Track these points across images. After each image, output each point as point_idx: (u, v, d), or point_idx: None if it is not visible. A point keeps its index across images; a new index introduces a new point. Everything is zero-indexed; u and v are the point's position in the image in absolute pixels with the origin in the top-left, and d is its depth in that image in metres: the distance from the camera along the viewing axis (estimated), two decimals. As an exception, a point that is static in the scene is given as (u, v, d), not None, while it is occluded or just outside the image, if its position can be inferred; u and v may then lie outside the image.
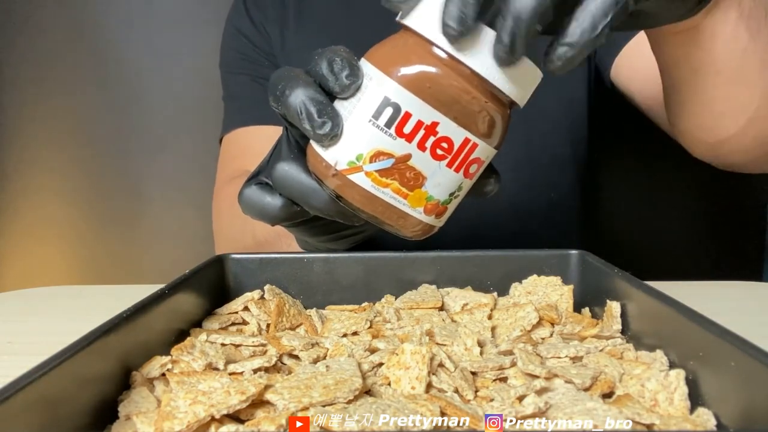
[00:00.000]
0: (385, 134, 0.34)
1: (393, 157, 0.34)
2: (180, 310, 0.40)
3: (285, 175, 0.38)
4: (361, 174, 0.35)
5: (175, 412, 0.27)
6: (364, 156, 0.34)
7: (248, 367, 0.34)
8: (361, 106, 0.34)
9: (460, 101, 0.33)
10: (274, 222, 0.41)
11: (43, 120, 1.12)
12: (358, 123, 0.34)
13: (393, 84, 0.33)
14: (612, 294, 0.41)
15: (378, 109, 0.33)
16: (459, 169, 0.35)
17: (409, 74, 0.33)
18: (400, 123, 0.33)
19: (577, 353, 0.36)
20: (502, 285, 0.47)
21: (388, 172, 0.34)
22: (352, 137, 0.34)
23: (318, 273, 0.47)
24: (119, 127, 1.12)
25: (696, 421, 0.29)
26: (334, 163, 0.35)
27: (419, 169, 0.35)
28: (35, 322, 0.51)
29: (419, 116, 0.33)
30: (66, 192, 1.15)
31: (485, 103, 0.34)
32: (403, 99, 0.33)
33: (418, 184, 0.35)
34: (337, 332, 0.40)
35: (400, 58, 0.33)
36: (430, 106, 0.33)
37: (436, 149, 0.34)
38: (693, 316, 0.32)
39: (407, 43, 0.34)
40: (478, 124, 0.34)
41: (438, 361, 0.33)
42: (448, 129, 0.34)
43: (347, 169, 0.35)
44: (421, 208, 0.36)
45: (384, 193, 0.35)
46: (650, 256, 0.86)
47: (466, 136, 0.34)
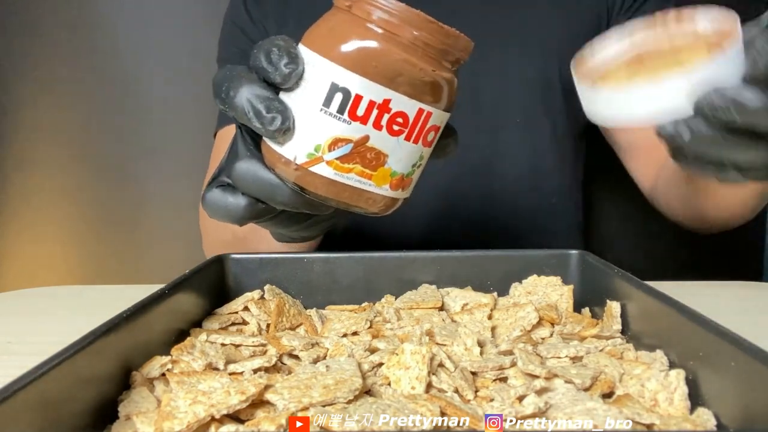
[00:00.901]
0: (339, 120, 0.33)
1: (351, 141, 0.33)
2: (180, 310, 0.40)
3: (245, 174, 0.37)
4: (322, 164, 0.34)
5: (175, 412, 0.27)
6: (322, 146, 0.33)
7: (248, 367, 0.34)
8: (310, 95, 0.33)
9: (407, 74, 0.33)
10: (242, 222, 0.39)
11: (43, 120, 1.11)
12: (309, 113, 0.33)
13: (338, 68, 0.32)
14: (612, 294, 0.41)
15: (327, 95, 0.33)
16: (417, 140, 0.35)
17: (353, 55, 0.32)
18: (353, 107, 0.33)
19: (577, 353, 0.36)
20: (502, 285, 0.47)
21: (348, 157, 0.34)
22: (306, 129, 0.34)
23: (318, 273, 0.47)
24: (119, 127, 1.12)
25: (696, 421, 0.29)
26: (292, 157, 0.34)
27: (379, 148, 0.34)
28: (35, 322, 0.51)
29: (370, 96, 0.33)
30: (66, 192, 1.15)
31: (432, 71, 0.33)
32: (351, 82, 0.32)
33: (381, 162, 0.35)
34: (337, 332, 0.40)
35: (340, 39, 0.33)
36: (379, 84, 0.32)
37: (392, 125, 0.34)
38: (693, 316, 0.32)
39: (344, 22, 0.33)
40: (428, 93, 0.34)
41: (438, 361, 0.33)
42: (401, 103, 0.33)
43: (307, 162, 0.34)
44: (387, 185, 0.36)
45: (348, 178, 0.35)
46: (650, 257, 0.86)
47: (419, 107, 0.34)
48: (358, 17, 0.33)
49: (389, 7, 0.32)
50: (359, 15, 0.33)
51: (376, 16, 0.32)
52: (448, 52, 0.34)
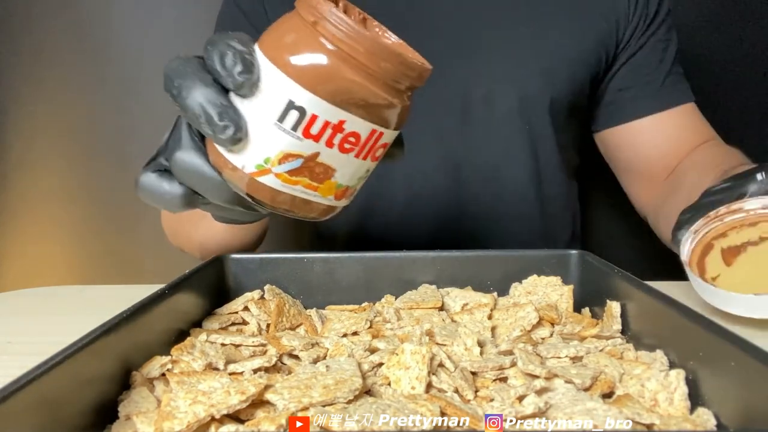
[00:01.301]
0: (292, 137, 0.33)
1: (302, 157, 0.33)
2: (180, 310, 0.40)
3: (186, 167, 0.36)
4: (270, 176, 0.34)
5: (175, 412, 0.27)
6: (272, 159, 0.33)
7: (248, 367, 0.34)
8: (265, 108, 0.33)
9: (363, 98, 0.33)
10: (175, 211, 0.38)
11: (43, 120, 1.11)
12: (262, 125, 0.33)
13: (296, 86, 0.32)
14: (612, 294, 0.41)
15: (283, 112, 0.32)
16: (366, 156, 0.35)
17: (311, 75, 0.32)
18: (307, 125, 0.33)
19: (577, 353, 0.36)
20: (502, 285, 0.47)
21: (297, 171, 0.34)
22: (258, 140, 0.33)
23: (318, 273, 0.47)
24: (119, 126, 1.12)
25: (696, 421, 0.29)
26: (241, 166, 0.34)
27: (328, 164, 0.34)
28: (35, 322, 0.51)
29: (326, 117, 0.33)
30: (66, 192, 1.15)
31: (387, 97, 0.33)
32: (308, 102, 0.32)
33: (328, 176, 0.35)
34: (337, 332, 0.40)
35: (300, 54, 0.32)
36: (336, 106, 0.32)
37: (344, 144, 0.34)
38: (693, 316, 0.32)
39: (305, 36, 0.33)
40: (383, 116, 0.34)
41: (438, 361, 0.33)
42: (355, 124, 0.33)
43: (255, 172, 0.34)
44: (332, 195, 0.36)
45: (294, 190, 0.35)
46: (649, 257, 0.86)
47: (372, 129, 0.34)
48: (322, 36, 0.32)
49: (349, 31, 0.32)
50: (324, 34, 0.32)
51: (341, 38, 0.32)
52: (406, 81, 0.34)
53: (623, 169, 0.78)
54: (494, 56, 0.70)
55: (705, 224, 0.45)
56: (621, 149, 0.76)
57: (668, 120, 0.72)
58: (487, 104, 0.70)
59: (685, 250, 0.45)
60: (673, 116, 0.72)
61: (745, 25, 0.99)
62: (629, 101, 0.73)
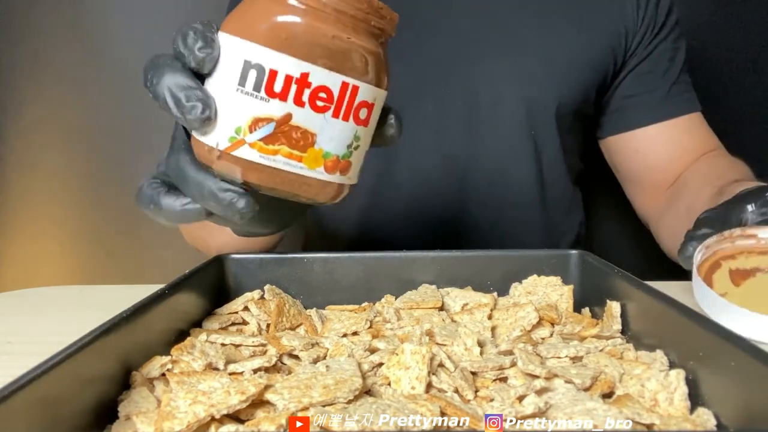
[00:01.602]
0: (256, 99, 0.31)
1: (273, 120, 0.32)
2: (180, 310, 0.40)
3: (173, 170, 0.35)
4: (245, 147, 0.32)
5: (175, 412, 0.27)
6: (243, 127, 0.32)
7: (248, 367, 0.34)
8: (225, 77, 0.32)
9: (322, 44, 0.31)
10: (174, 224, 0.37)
11: (43, 120, 1.11)
12: (226, 95, 0.32)
13: (248, 44, 0.31)
14: (612, 294, 0.41)
15: (242, 74, 0.31)
16: (347, 117, 0.33)
17: (262, 29, 0.31)
18: (268, 83, 0.31)
19: (577, 353, 0.36)
20: (502, 285, 0.47)
21: (272, 138, 0.32)
22: (225, 112, 0.32)
23: (318, 273, 0.47)
24: (119, 126, 1.12)
25: (696, 421, 0.29)
26: (215, 144, 0.33)
27: (305, 127, 0.32)
28: (35, 322, 0.51)
29: (286, 71, 0.31)
30: (66, 192, 1.15)
31: (347, 38, 0.32)
32: (263, 57, 0.31)
33: (309, 142, 0.33)
34: (337, 332, 0.40)
35: (250, 15, 0.32)
36: (293, 56, 0.31)
37: (315, 101, 0.32)
38: (693, 316, 0.32)
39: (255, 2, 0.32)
40: (350, 65, 0.32)
41: (438, 361, 0.33)
42: (321, 77, 0.32)
43: (230, 146, 0.32)
44: (321, 167, 0.34)
45: (275, 161, 0.33)
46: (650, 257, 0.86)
47: (342, 81, 0.32)
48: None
49: None
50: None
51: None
52: (365, 20, 0.32)
53: (626, 176, 0.78)
54: (501, 60, 0.70)
55: (717, 242, 0.46)
56: (624, 157, 0.76)
57: (672, 129, 0.73)
58: (493, 108, 0.70)
59: (696, 260, 0.45)
60: (678, 126, 0.73)
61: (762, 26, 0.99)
62: (634, 109, 0.73)
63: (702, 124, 0.74)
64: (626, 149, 0.76)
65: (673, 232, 0.54)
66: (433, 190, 0.73)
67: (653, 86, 0.73)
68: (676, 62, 0.73)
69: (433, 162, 0.72)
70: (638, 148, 0.74)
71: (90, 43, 1.10)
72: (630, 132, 0.74)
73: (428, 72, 0.70)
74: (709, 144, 0.73)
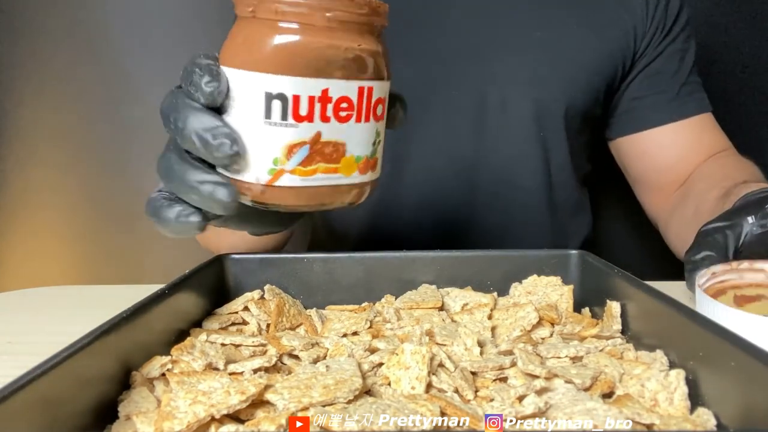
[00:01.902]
0: (286, 127, 0.32)
1: (306, 143, 0.32)
2: (180, 310, 0.40)
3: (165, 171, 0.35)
4: (286, 175, 0.33)
5: (175, 412, 0.27)
6: (279, 157, 0.33)
7: (248, 367, 0.34)
8: (247, 111, 0.32)
9: (334, 57, 0.32)
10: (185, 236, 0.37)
11: (42, 120, 1.11)
12: (254, 129, 0.32)
13: (265, 76, 0.31)
14: (612, 294, 0.41)
15: (266, 107, 0.32)
16: (368, 118, 0.34)
17: (274, 58, 0.31)
18: (294, 109, 0.32)
19: (577, 353, 0.36)
20: (502, 285, 0.47)
21: (309, 159, 0.33)
22: (256, 146, 0.33)
23: (318, 273, 0.47)
24: (119, 126, 1.12)
25: (696, 421, 0.29)
26: (255, 180, 0.33)
27: (335, 140, 0.33)
28: (35, 322, 0.51)
29: (308, 93, 0.32)
30: (66, 192, 1.14)
31: (358, 47, 0.32)
32: (284, 86, 0.31)
33: (341, 152, 0.34)
34: (337, 332, 0.40)
35: (256, 47, 0.32)
36: (312, 77, 0.31)
37: (338, 113, 0.32)
38: (693, 316, 0.32)
39: (254, 30, 0.32)
40: (362, 70, 0.33)
41: (438, 361, 0.33)
42: (339, 88, 0.32)
43: (272, 178, 0.33)
44: (356, 171, 0.35)
45: (316, 179, 0.34)
46: (650, 257, 0.86)
47: (358, 86, 0.33)
48: (265, 20, 0.31)
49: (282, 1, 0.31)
50: (266, 17, 0.31)
51: (284, 11, 0.31)
52: (369, 23, 0.33)
53: (635, 177, 0.78)
54: (511, 61, 0.70)
55: (724, 271, 0.46)
56: (633, 158, 0.76)
57: (682, 130, 0.72)
58: (501, 109, 0.70)
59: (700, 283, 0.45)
60: (687, 127, 0.72)
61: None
62: (643, 111, 0.73)
63: (712, 124, 0.74)
64: (635, 150, 0.75)
65: (681, 235, 0.54)
66: (441, 191, 0.73)
67: (663, 87, 0.72)
68: (686, 63, 0.73)
69: (441, 163, 0.72)
70: (647, 150, 0.74)
71: (90, 44, 1.10)
72: (639, 133, 0.74)
73: (437, 72, 0.69)
74: (720, 144, 0.73)
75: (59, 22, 1.08)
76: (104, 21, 1.09)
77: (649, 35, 0.71)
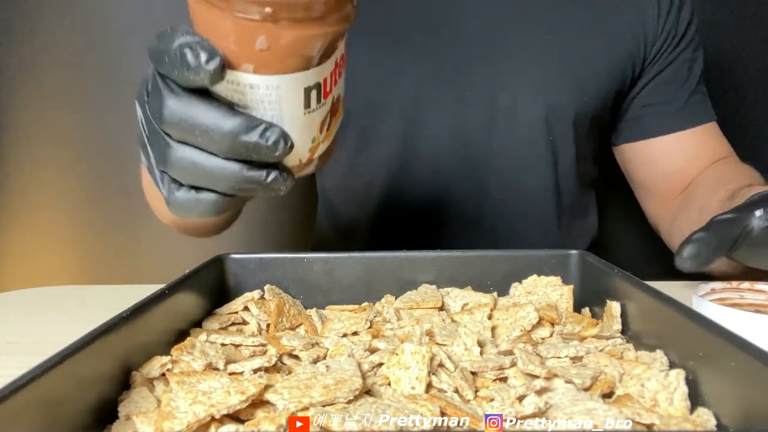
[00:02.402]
0: (320, 108, 0.34)
1: (329, 112, 0.35)
2: (180, 310, 0.40)
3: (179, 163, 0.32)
4: (320, 145, 0.36)
5: (175, 412, 0.27)
6: (316, 135, 0.35)
7: (248, 367, 0.34)
8: (289, 109, 0.33)
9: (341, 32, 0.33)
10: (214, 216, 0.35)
11: (43, 120, 1.11)
12: (296, 122, 0.33)
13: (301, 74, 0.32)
14: (612, 294, 0.41)
15: (305, 100, 0.33)
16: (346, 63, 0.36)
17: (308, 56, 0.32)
18: (324, 90, 0.34)
19: (577, 353, 0.36)
20: (502, 285, 0.47)
21: (331, 122, 0.36)
22: (301, 134, 0.34)
23: (318, 273, 0.47)
24: (119, 127, 1.12)
25: (696, 421, 0.29)
26: (298, 162, 0.35)
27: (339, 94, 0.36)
28: (35, 322, 0.51)
29: (329, 70, 0.34)
30: (66, 192, 1.15)
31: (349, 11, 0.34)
32: (317, 75, 0.33)
33: (340, 102, 0.37)
34: (337, 332, 0.40)
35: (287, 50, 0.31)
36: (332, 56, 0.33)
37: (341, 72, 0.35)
38: (693, 316, 0.32)
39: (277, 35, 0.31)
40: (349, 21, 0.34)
41: (438, 361, 0.33)
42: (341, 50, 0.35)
43: (311, 154, 0.36)
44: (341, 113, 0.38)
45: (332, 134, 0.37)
46: (650, 257, 0.86)
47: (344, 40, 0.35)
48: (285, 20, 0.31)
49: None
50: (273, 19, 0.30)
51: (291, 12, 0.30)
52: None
53: (638, 183, 0.78)
54: (521, 65, 0.70)
55: (724, 289, 0.47)
56: (637, 164, 0.77)
57: (687, 139, 0.73)
58: (512, 112, 0.70)
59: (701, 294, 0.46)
60: (693, 136, 0.73)
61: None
62: (651, 119, 0.74)
63: (716, 132, 0.75)
64: (640, 157, 0.76)
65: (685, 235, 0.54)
66: (449, 191, 0.73)
67: (671, 96, 0.73)
68: (694, 72, 0.73)
69: (450, 164, 0.72)
70: (652, 157, 0.75)
71: (90, 44, 1.10)
72: (645, 141, 0.75)
73: (449, 73, 0.70)
74: (722, 151, 0.74)
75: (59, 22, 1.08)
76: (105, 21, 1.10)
77: (659, 43, 0.71)
